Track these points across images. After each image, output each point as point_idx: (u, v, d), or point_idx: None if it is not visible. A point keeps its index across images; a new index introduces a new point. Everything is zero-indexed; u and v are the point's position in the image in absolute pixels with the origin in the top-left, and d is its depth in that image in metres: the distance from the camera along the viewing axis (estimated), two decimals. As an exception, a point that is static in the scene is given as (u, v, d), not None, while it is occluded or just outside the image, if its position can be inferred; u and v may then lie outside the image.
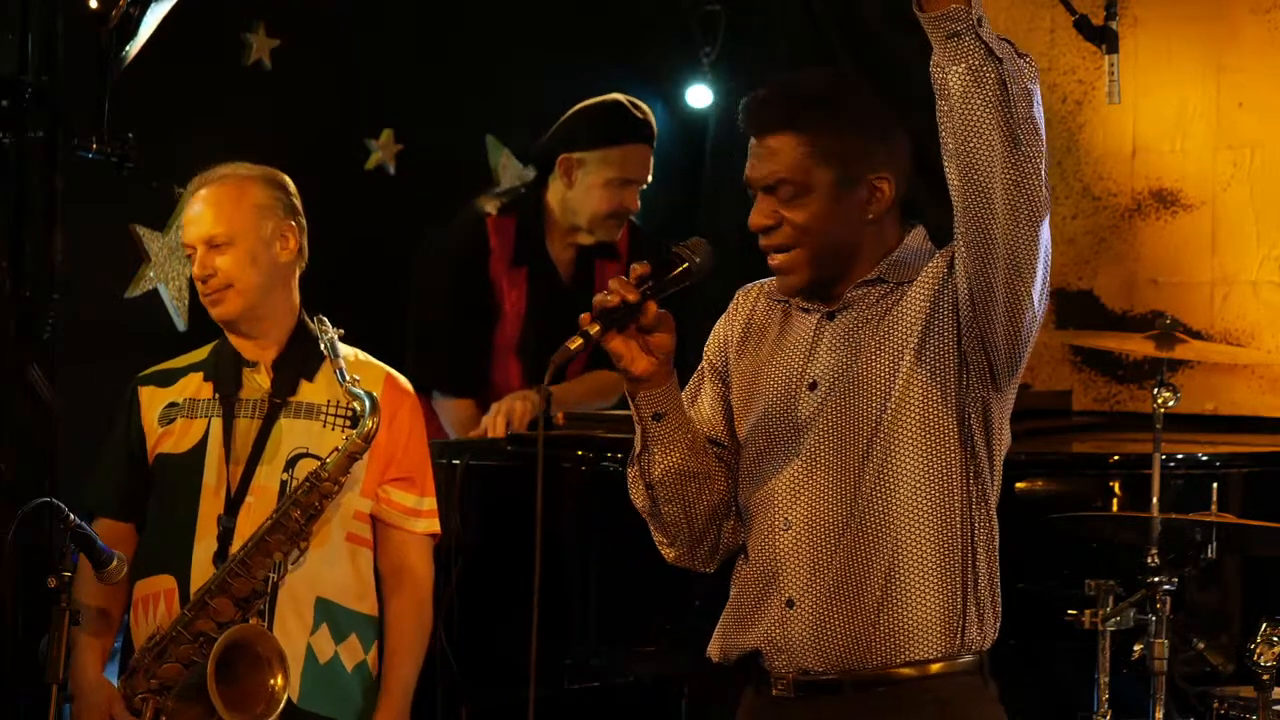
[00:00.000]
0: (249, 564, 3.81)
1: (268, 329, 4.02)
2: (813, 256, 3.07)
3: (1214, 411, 5.94)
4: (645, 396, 3.06)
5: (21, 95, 4.29)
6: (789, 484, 3.09)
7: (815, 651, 3.06)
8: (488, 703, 4.51)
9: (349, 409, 3.97)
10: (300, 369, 4.02)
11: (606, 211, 5.08)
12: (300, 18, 5.54)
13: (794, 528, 3.07)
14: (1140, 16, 6.03)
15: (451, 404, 5.07)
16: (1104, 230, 6.18)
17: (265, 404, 3.97)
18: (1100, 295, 6.18)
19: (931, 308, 3.06)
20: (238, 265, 3.97)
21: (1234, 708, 4.30)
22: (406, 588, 4.04)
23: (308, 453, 3.92)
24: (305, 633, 3.91)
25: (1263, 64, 5.92)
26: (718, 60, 6.52)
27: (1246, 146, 5.96)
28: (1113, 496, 4.79)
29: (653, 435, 3.09)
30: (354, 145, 5.75)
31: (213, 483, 3.95)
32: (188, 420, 4.00)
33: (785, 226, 3.07)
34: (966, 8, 2.86)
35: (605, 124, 5.09)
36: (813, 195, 3.05)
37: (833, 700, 3.07)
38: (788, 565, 3.08)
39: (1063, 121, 6.18)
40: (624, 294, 2.97)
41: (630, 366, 3.02)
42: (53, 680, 3.52)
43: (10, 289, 4.33)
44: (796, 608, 3.06)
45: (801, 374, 3.13)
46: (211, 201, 4.00)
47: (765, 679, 3.12)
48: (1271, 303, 5.91)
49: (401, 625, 4.03)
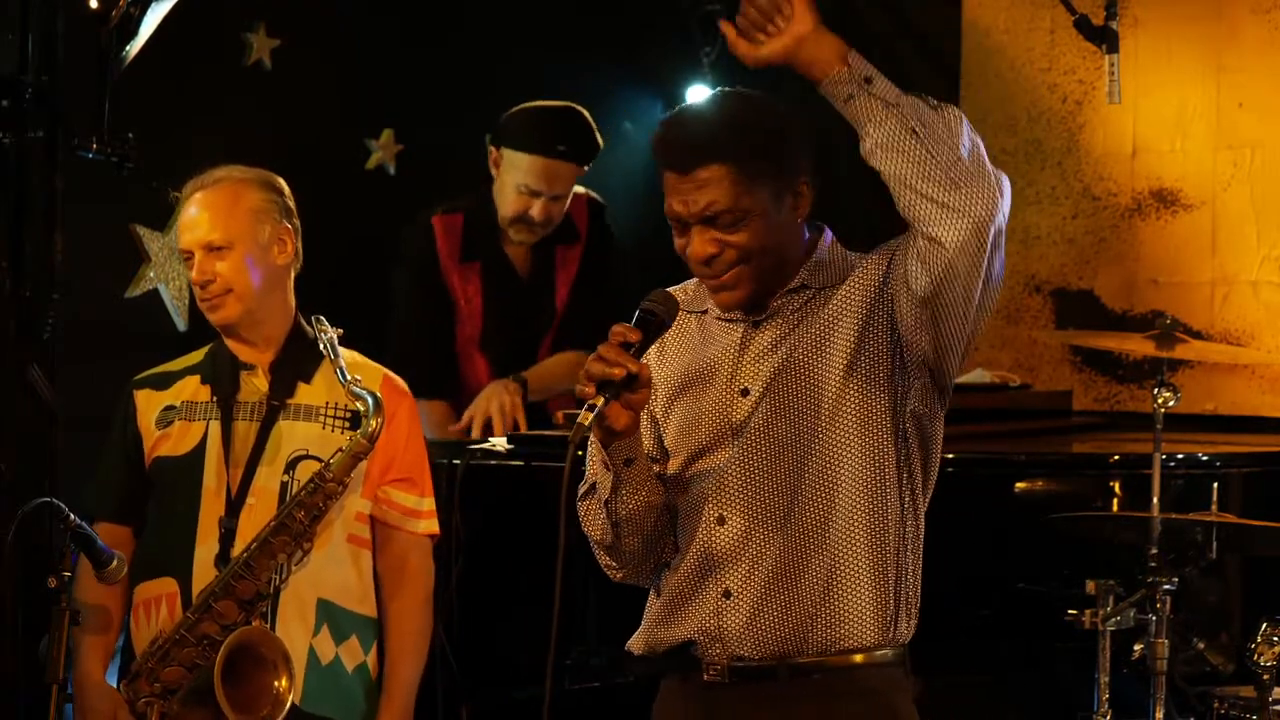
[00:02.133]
0: (253, 566, 3.81)
1: (265, 332, 4.02)
2: (757, 272, 3.12)
3: (1214, 411, 5.94)
4: (618, 446, 3.13)
5: (21, 95, 4.29)
6: (725, 483, 3.14)
7: (751, 640, 3.12)
8: (488, 703, 4.51)
9: (347, 410, 3.97)
10: (297, 371, 4.02)
11: (511, 214, 5.10)
12: (300, 18, 5.55)
13: (729, 523, 3.13)
14: (1140, 16, 6.03)
15: (424, 405, 5.08)
16: (1104, 230, 6.18)
17: (263, 406, 3.97)
18: (1100, 295, 6.18)
19: (867, 312, 3.11)
20: (236, 270, 3.96)
21: (1234, 708, 4.30)
22: (407, 589, 4.04)
23: (308, 454, 3.92)
24: (308, 634, 3.90)
25: (1263, 64, 5.92)
26: (718, 60, 6.52)
27: (1246, 146, 5.97)
28: (1113, 496, 4.79)
29: (624, 479, 3.16)
30: (354, 145, 5.76)
31: (213, 485, 3.94)
32: (186, 423, 3.99)
33: (728, 252, 3.11)
34: (847, 69, 2.98)
35: (532, 130, 5.11)
36: (752, 217, 3.09)
37: (766, 685, 3.12)
38: (725, 558, 3.13)
39: (1063, 121, 6.18)
40: (627, 366, 3.01)
41: (614, 424, 3.06)
42: (53, 680, 3.52)
43: (10, 289, 4.33)
44: (734, 598, 3.12)
45: (731, 381, 3.17)
46: (208, 206, 3.99)
47: (695, 666, 3.16)
48: (1271, 303, 5.91)
49: (403, 626, 4.03)
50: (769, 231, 3.11)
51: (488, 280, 5.12)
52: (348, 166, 5.73)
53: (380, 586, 4.03)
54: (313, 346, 4.00)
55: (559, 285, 5.20)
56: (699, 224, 3.10)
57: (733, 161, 3.08)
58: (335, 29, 5.67)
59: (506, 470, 4.58)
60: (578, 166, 5.15)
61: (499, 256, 5.14)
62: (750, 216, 3.09)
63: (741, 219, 3.09)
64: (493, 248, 5.15)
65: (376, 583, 4.02)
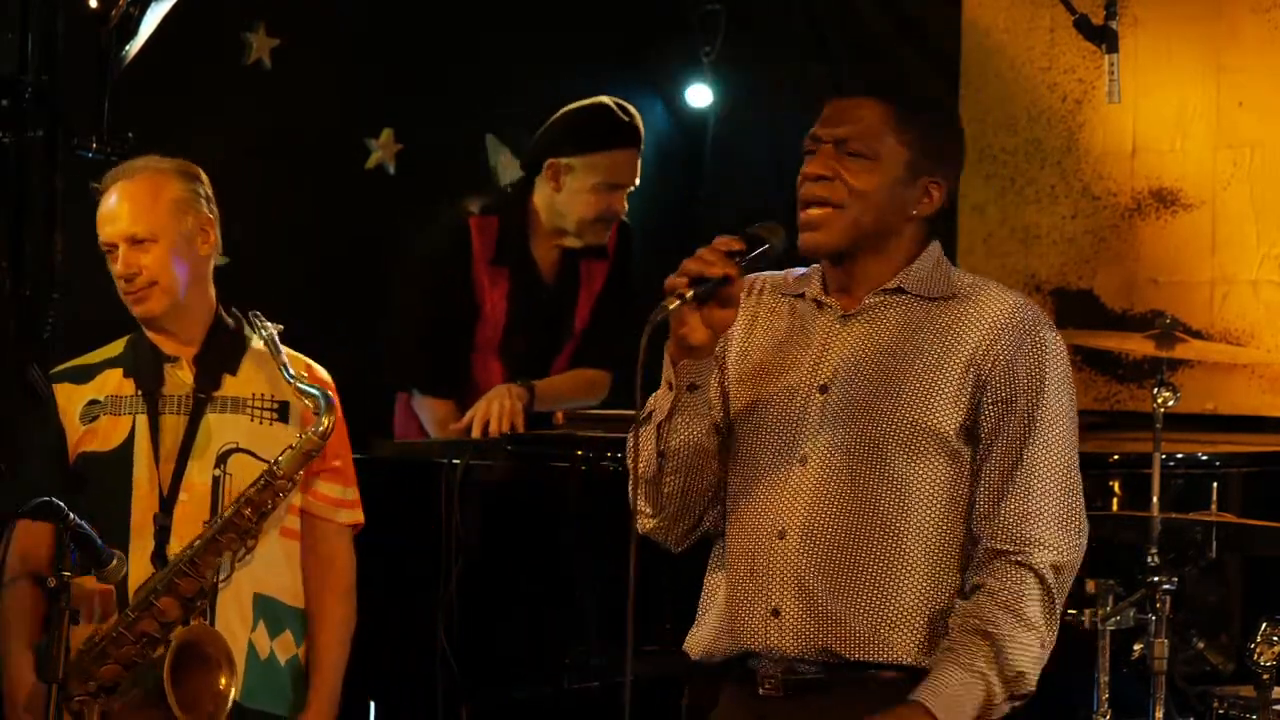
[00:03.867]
0: (198, 563, 3.79)
1: (189, 324, 3.99)
2: (852, 223, 3.07)
3: (1214, 411, 5.93)
4: (688, 366, 3.05)
5: (21, 95, 4.30)
6: (788, 489, 3.08)
7: (803, 657, 3.07)
8: (488, 703, 4.51)
9: (274, 401, 3.96)
10: (222, 363, 4.00)
11: (594, 216, 5.08)
12: (300, 18, 5.55)
13: (789, 536, 3.07)
14: (1140, 16, 6.02)
15: (430, 403, 5.07)
16: (1104, 230, 6.18)
17: (190, 399, 3.94)
18: (1100, 295, 6.18)
19: (969, 359, 3.06)
20: (161, 263, 3.94)
21: (1234, 708, 4.30)
22: (334, 579, 4.05)
23: (238, 447, 3.91)
24: (247, 630, 3.90)
25: (1263, 64, 5.92)
26: (718, 60, 6.52)
27: (1246, 146, 5.96)
28: (1113, 496, 4.79)
29: (683, 405, 3.07)
30: (354, 145, 5.75)
31: (144, 481, 3.91)
32: (113, 418, 3.95)
33: (839, 183, 3.07)
34: None
35: (593, 129, 5.08)
36: (878, 165, 3.07)
37: (820, 698, 3.08)
38: (777, 574, 3.07)
39: (1063, 121, 6.18)
40: (724, 268, 2.97)
41: (689, 335, 3.00)
42: (52, 680, 3.51)
43: (10, 289, 4.33)
44: (783, 617, 3.07)
45: (812, 375, 3.11)
46: (129, 197, 3.95)
47: (750, 678, 3.12)
48: (1271, 302, 5.91)
49: (332, 616, 4.04)
50: (884, 193, 3.07)
51: (515, 285, 5.12)
52: (348, 166, 5.73)
53: (308, 577, 4.02)
54: (235, 338, 4.00)
55: (581, 301, 5.19)
56: (831, 144, 3.08)
57: (890, 105, 3.09)
58: (335, 29, 5.67)
59: (506, 470, 4.58)
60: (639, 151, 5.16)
61: (528, 263, 5.13)
62: (876, 163, 3.06)
63: (867, 158, 3.06)
64: (523, 253, 5.14)
65: (303, 573, 4.02)
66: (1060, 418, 3.08)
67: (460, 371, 5.10)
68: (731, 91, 6.56)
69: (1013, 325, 3.08)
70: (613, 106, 5.10)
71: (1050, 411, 3.07)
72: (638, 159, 5.13)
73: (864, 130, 3.07)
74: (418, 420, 5.09)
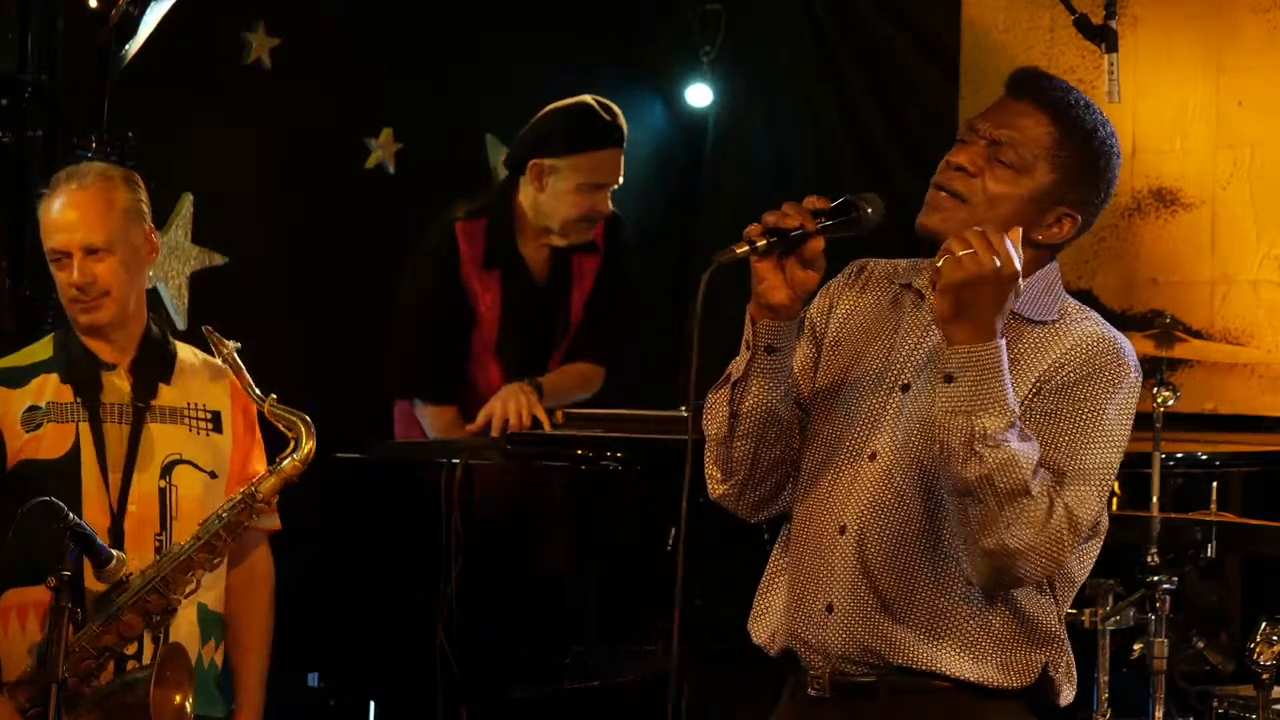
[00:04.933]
0: (169, 581, 3.78)
1: (128, 332, 3.97)
2: (969, 223, 2.94)
3: (1213, 411, 5.94)
4: (767, 326, 2.97)
5: (21, 95, 4.30)
6: (855, 484, 3.03)
7: (851, 657, 3.02)
8: (487, 703, 4.51)
9: (208, 411, 3.96)
10: (157, 372, 3.97)
11: (578, 216, 5.07)
12: (300, 18, 5.54)
13: (849, 533, 3.01)
14: (1140, 16, 6.03)
15: (432, 410, 5.06)
16: (1104, 229, 6.18)
17: (130, 409, 3.92)
18: (1100, 294, 6.17)
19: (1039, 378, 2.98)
20: (114, 272, 3.90)
21: (1234, 707, 4.30)
22: (256, 582, 4.07)
23: (181, 458, 3.91)
24: (196, 644, 3.92)
25: (1263, 63, 5.92)
26: (718, 60, 6.52)
27: (1246, 145, 5.96)
28: (1113, 496, 4.79)
29: (759, 367, 2.99)
30: (354, 145, 5.75)
31: (93, 491, 3.87)
32: (57, 425, 3.90)
33: (979, 181, 3.00)
34: None
35: (575, 130, 5.07)
36: (1022, 179, 3.00)
37: (867, 704, 3.03)
38: (834, 570, 3.02)
39: (1062, 121, 6.18)
40: (803, 220, 2.89)
41: (769, 293, 2.93)
42: (52, 680, 3.51)
43: (10, 288, 4.33)
44: (835, 614, 3.02)
45: (899, 371, 3.05)
46: (81, 206, 3.91)
47: (803, 676, 3.08)
48: (1271, 302, 5.91)
49: (254, 620, 4.06)
50: (1016, 207, 2.99)
51: (507, 287, 5.11)
52: (347, 166, 5.72)
53: (231, 582, 4.03)
54: (164, 346, 3.99)
55: (575, 297, 5.19)
56: (985, 141, 3.01)
57: (1055, 119, 3.00)
58: (335, 29, 5.67)
59: (506, 470, 4.58)
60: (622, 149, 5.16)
61: (518, 263, 5.13)
62: (1021, 175, 2.99)
63: (1015, 166, 2.99)
64: (513, 255, 5.13)
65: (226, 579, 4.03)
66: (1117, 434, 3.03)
67: (460, 377, 5.10)
68: (731, 91, 6.56)
69: (1089, 352, 3.00)
70: (595, 106, 5.09)
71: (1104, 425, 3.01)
72: (621, 158, 5.12)
73: (1023, 141, 3.00)
74: (418, 424, 5.09)
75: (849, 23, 6.53)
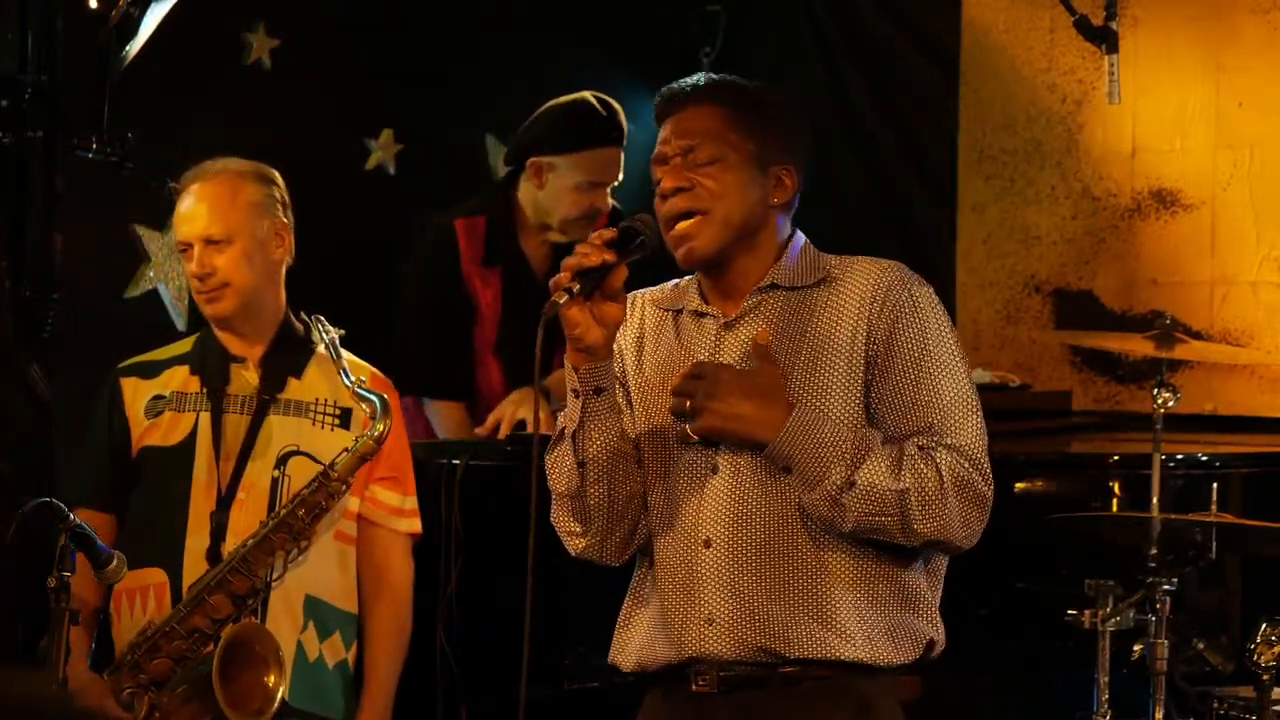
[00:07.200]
0: (250, 561, 3.82)
1: (258, 326, 4.03)
2: (722, 224, 3.11)
3: (1213, 411, 5.94)
4: (589, 370, 3.08)
5: (21, 95, 4.30)
6: (706, 499, 3.10)
7: (745, 659, 3.09)
8: (488, 703, 4.51)
9: (338, 407, 3.98)
10: (289, 366, 4.03)
11: (577, 214, 5.07)
12: (300, 18, 5.54)
13: (715, 545, 3.09)
14: (1140, 16, 6.03)
15: (441, 407, 5.06)
16: (1104, 230, 6.18)
17: (254, 400, 3.97)
18: (1100, 295, 6.18)
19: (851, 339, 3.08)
20: (235, 264, 3.98)
21: (1234, 708, 4.30)
22: (389, 587, 4.07)
23: (298, 450, 3.93)
24: (296, 630, 3.92)
25: (1263, 64, 5.92)
26: (718, 60, 6.52)
27: (1246, 146, 5.96)
28: (1113, 496, 4.79)
29: (592, 410, 3.10)
30: (354, 145, 5.75)
31: (203, 478, 3.94)
32: (176, 413, 3.99)
33: (699, 189, 3.11)
34: None
35: (574, 128, 5.07)
36: (728, 164, 3.11)
37: (756, 693, 3.10)
38: (707, 583, 3.09)
39: (1062, 121, 6.18)
40: (602, 255, 3.02)
41: (584, 335, 3.05)
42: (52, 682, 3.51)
43: (10, 289, 4.33)
44: (718, 624, 3.09)
45: None
46: (206, 198, 4.00)
47: (684, 679, 3.14)
48: (1271, 303, 5.91)
49: (385, 625, 4.05)
50: (742, 190, 3.11)
51: (508, 284, 5.11)
52: (347, 166, 5.72)
53: (362, 583, 4.03)
54: (302, 342, 4.01)
55: None
56: (679, 157, 3.12)
57: (721, 104, 3.13)
58: (335, 29, 5.67)
59: (506, 470, 4.58)
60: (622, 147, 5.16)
61: (519, 260, 5.13)
62: (727, 163, 3.11)
63: (719, 160, 3.10)
64: (514, 251, 5.13)
65: (358, 579, 4.03)
66: (951, 358, 3.10)
67: (466, 373, 5.10)
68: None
69: (883, 295, 3.09)
70: (594, 103, 5.09)
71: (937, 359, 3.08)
72: (620, 156, 5.12)
73: (704, 133, 3.12)
74: (423, 420, 5.09)
75: (849, 23, 6.53)
